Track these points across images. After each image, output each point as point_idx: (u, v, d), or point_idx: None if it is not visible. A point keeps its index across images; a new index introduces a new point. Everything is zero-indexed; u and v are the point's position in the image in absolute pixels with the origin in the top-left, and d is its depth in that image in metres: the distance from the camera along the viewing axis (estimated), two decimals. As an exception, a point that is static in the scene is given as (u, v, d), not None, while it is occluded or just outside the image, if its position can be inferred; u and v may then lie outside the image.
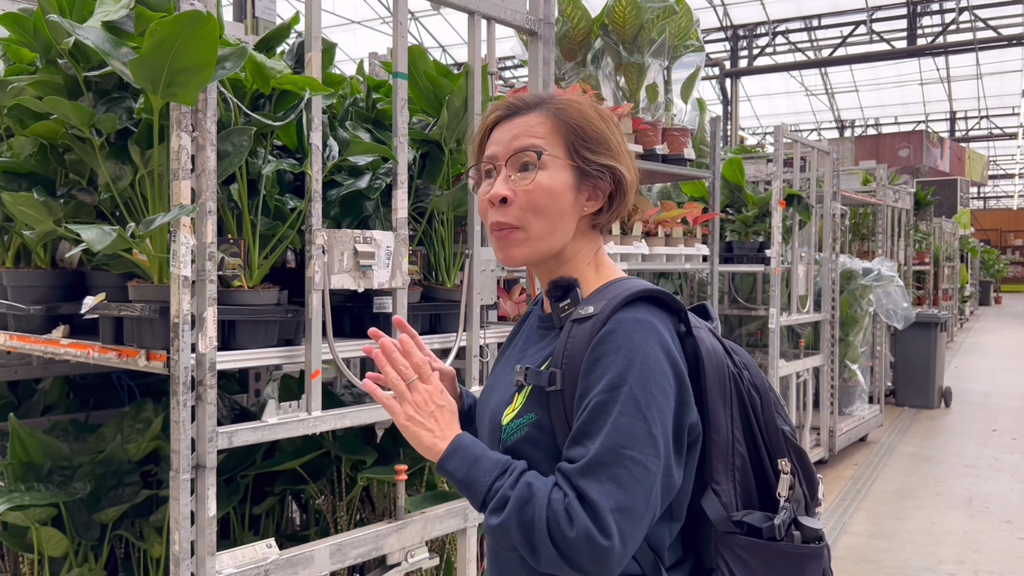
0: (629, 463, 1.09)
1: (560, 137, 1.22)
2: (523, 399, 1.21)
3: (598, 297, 1.21)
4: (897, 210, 9.07)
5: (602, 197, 1.25)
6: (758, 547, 1.17)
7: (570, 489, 1.10)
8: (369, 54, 3.64)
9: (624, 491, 1.08)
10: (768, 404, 1.24)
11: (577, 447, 1.12)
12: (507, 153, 1.23)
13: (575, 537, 1.07)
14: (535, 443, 1.18)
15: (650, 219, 3.64)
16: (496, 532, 1.12)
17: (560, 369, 1.17)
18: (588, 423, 1.12)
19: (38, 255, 2.30)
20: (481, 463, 1.15)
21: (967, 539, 4.86)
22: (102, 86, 2.04)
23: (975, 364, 12.58)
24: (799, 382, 6.04)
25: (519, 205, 1.21)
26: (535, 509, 1.09)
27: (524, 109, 1.25)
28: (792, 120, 28.12)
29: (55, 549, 2.30)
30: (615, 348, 1.13)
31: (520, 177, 1.22)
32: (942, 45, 18.49)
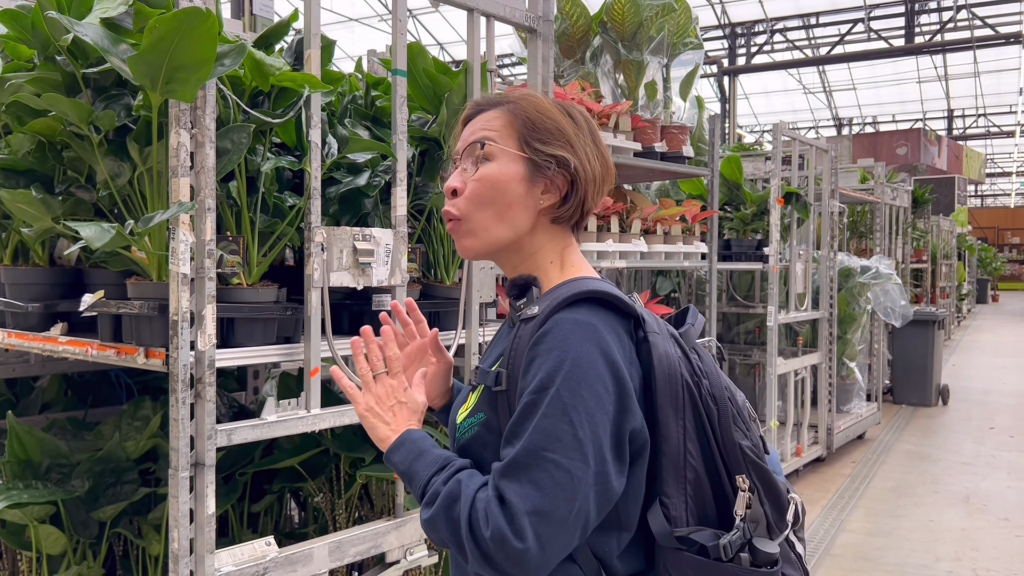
0: (550, 466, 1.05)
1: (512, 129, 1.23)
2: (475, 399, 1.20)
3: (550, 296, 1.17)
4: (895, 208, 9.08)
5: (558, 190, 1.23)
6: (704, 566, 1.10)
7: (492, 489, 1.08)
8: (368, 51, 3.63)
9: (543, 494, 1.05)
10: (725, 416, 1.16)
11: (506, 447, 1.10)
12: (463, 146, 1.26)
13: (489, 537, 1.05)
14: (483, 443, 1.17)
15: (648, 217, 3.64)
16: (426, 526, 1.13)
17: (506, 369, 1.15)
18: (516, 424, 1.10)
19: (36, 252, 2.29)
20: (423, 458, 1.16)
21: (964, 536, 4.87)
22: (101, 83, 2.03)
23: (973, 362, 12.60)
24: (797, 380, 6.04)
25: (465, 196, 1.22)
26: (460, 507, 1.08)
27: (487, 107, 1.27)
28: (790, 118, 28.13)
29: (53, 547, 2.30)
30: (548, 349, 1.10)
31: (472, 169, 1.23)
32: (940, 43, 18.50)
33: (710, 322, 4.01)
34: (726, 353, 7.10)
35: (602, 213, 3.37)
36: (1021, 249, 34.70)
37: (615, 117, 3.41)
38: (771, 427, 5.52)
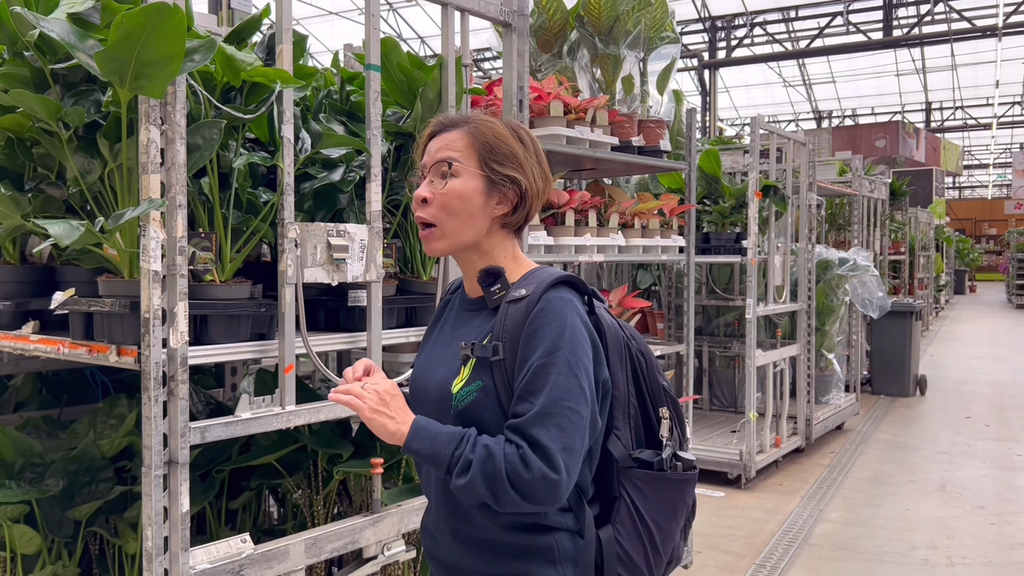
0: (568, 412, 1.35)
1: (474, 151, 1.47)
2: (469, 370, 1.43)
3: (526, 282, 1.47)
4: (873, 200, 9.15)
5: (510, 202, 1.49)
6: (650, 477, 1.48)
7: (522, 439, 1.34)
8: (344, 46, 3.61)
9: (566, 434, 1.34)
10: (652, 365, 1.54)
11: (523, 403, 1.36)
12: (431, 162, 1.49)
13: (532, 479, 1.31)
14: (483, 406, 1.41)
15: (627, 211, 3.65)
16: (464, 490, 1.34)
17: (501, 342, 1.41)
18: (531, 383, 1.36)
19: (7, 250, 2.27)
20: (440, 438, 1.37)
21: (941, 525, 4.93)
22: (69, 79, 2.01)
23: (950, 352, 12.74)
24: (776, 371, 6.08)
25: (436, 205, 1.46)
26: (495, 464, 1.32)
27: (450, 127, 1.50)
28: (770, 111, 28.27)
29: (28, 547, 2.28)
30: (548, 321, 1.39)
31: (439, 182, 1.47)
32: (917, 36, 18.64)
33: (688, 315, 4.03)
34: (707, 345, 7.14)
35: (580, 207, 3.38)
36: (998, 240, 35.05)
37: (592, 111, 3.42)
38: (750, 418, 5.56)
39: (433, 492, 1.53)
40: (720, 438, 6.23)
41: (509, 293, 1.45)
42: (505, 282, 1.48)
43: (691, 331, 4.01)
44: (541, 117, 3.24)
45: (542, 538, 1.42)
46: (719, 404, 7.29)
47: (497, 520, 1.43)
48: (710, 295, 6.79)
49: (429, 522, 1.58)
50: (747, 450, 5.59)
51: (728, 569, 4.26)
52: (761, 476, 5.92)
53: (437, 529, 1.54)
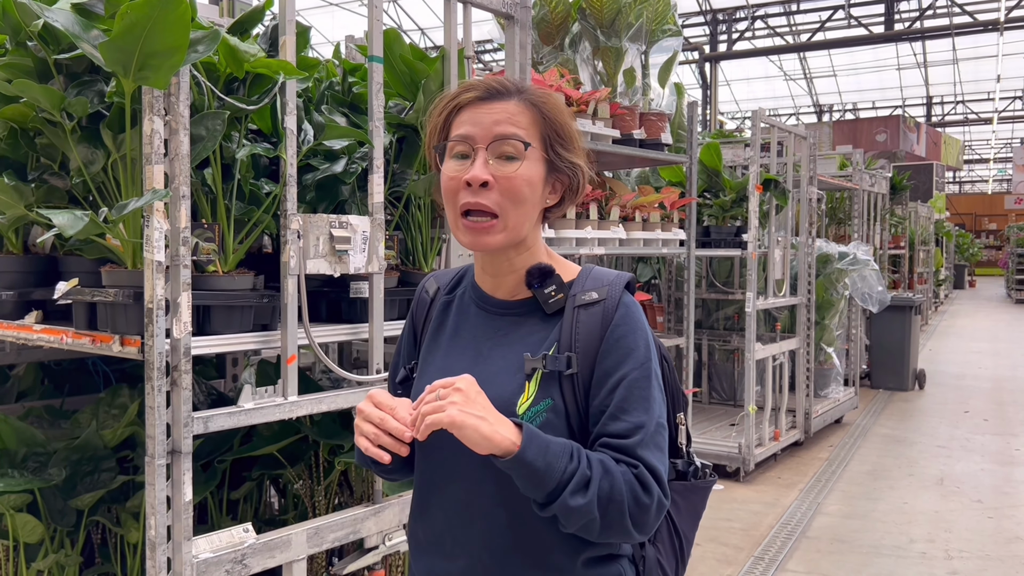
0: (662, 431, 1.24)
1: (539, 130, 1.25)
2: (535, 386, 1.23)
3: (591, 284, 1.28)
4: (873, 194, 9.15)
5: (560, 191, 1.30)
6: (684, 488, 1.39)
7: (633, 460, 1.18)
8: (346, 37, 3.61)
9: (664, 454, 1.23)
10: (673, 369, 1.42)
11: (619, 422, 1.20)
12: (488, 137, 1.22)
13: (650, 503, 1.17)
14: (552, 427, 1.21)
15: (628, 204, 3.66)
16: (577, 512, 1.13)
17: (575, 353, 1.23)
18: (626, 399, 1.21)
19: (10, 240, 2.27)
20: (553, 448, 1.14)
21: (938, 518, 4.95)
22: (73, 69, 2.01)
23: (949, 347, 12.75)
24: (775, 365, 6.10)
25: (500, 191, 1.21)
26: (613, 483, 1.15)
27: (504, 94, 1.25)
28: (771, 105, 28.23)
29: (30, 535, 2.29)
30: (631, 330, 1.24)
31: (501, 164, 1.22)
32: (919, 30, 18.61)
33: (688, 308, 4.03)
34: (707, 338, 7.15)
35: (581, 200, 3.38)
36: (998, 235, 35.06)
37: (594, 104, 3.42)
38: (749, 412, 5.57)
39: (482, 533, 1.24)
40: (719, 431, 6.25)
41: (575, 296, 1.26)
42: (560, 282, 1.28)
43: (691, 324, 4.02)
44: (543, 110, 3.24)
45: (612, 568, 1.27)
46: (718, 397, 7.31)
47: (581, 556, 1.24)
48: (710, 288, 6.80)
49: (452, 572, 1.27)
50: (746, 443, 5.61)
51: (726, 561, 4.28)
52: (760, 469, 5.93)
53: None
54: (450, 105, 1.28)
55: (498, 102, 1.24)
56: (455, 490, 1.27)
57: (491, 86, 1.26)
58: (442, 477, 1.30)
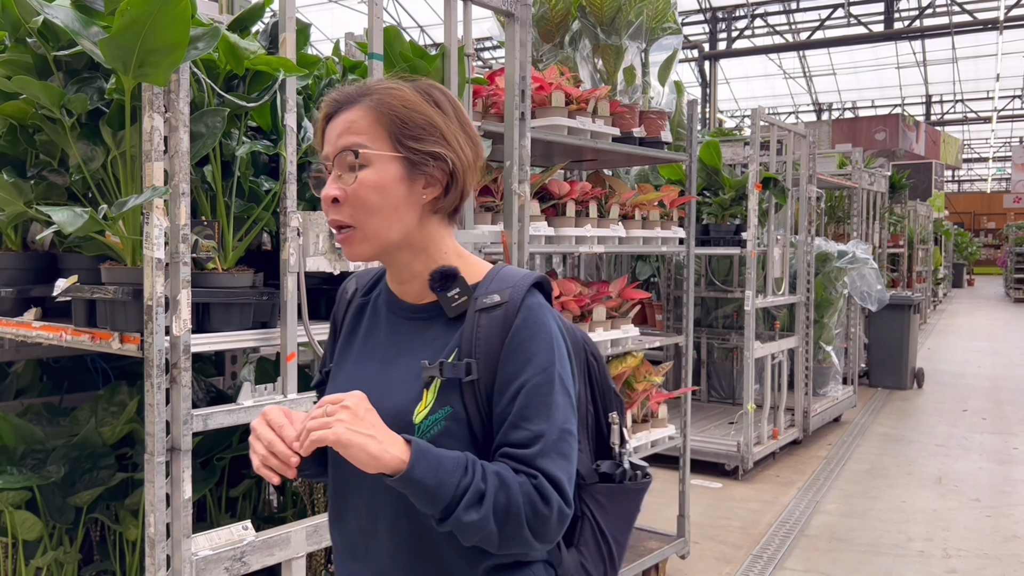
0: (568, 437, 1.19)
1: (382, 128, 1.20)
2: (434, 394, 1.19)
3: (495, 286, 1.23)
4: (872, 193, 9.15)
5: (439, 183, 1.24)
6: (612, 491, 1.34)
7: (533, 471, 1.14)
8: (345, 34, 3.60)
9: (569, 462, 1.18)
10: (603, 368, 1.39)
11: (519, 431, 1.16)
12: (333, 152, 1.21)
13: (549, 514, 1.14)
14: (452, 435, 1.18)
15: (627, 202, 3.65)
16: (472, 527, 1.10)
17: (475, 359, 1.19)
18: (526, 407, 1.16)
19: (9, 237, 2.27)
20: (445, 463, 1.10)
21: (936, 517, 4.95)
22: (72, 66, 2.01)
23: (947, 345, 12.76)
24: (774, 363, 6.10)
25: (350, 204, 1.19)
26: (510, 496, 1.12)
27: (347, 104, 1.22)
28: (771, 103, 28.23)
29: (29, 532, 2.29)
30: (534, 333, 1.19)
31: (347, 176, 1.19)
32: (918, 29, 18.61)
33: (688, 306, 4.03)
34: (705, 337, 7.15)
35: (580, 198, 3.38)
36: (997, 234, 35.08)
37: (594, 102, 3.41)
38: (748, 410, 5.58)
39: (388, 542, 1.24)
40: (717, 429, 6.25)
41: (477, 299, 1.22)
42: (464, 285, 1.24)
43: (690, 322, 4.02)
44: (542, 107, 3.24)
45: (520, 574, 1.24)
46: (717, 396, 7.32)
47: (483, 565, 1.22)
48: (709, 287, 6.80)
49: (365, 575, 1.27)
50: (744, 441, 5.61)
51: (725, 560, 4.29)
52: (758, 468, 5.94)
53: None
54: (319, 127, 1.27)
55: (343, 113, 1.22)
56: (362, 500, 1.26)
57: (335, 99, 1.24)
58: (351, 486, 1.28)
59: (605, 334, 3.40)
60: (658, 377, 3.73)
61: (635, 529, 4.10)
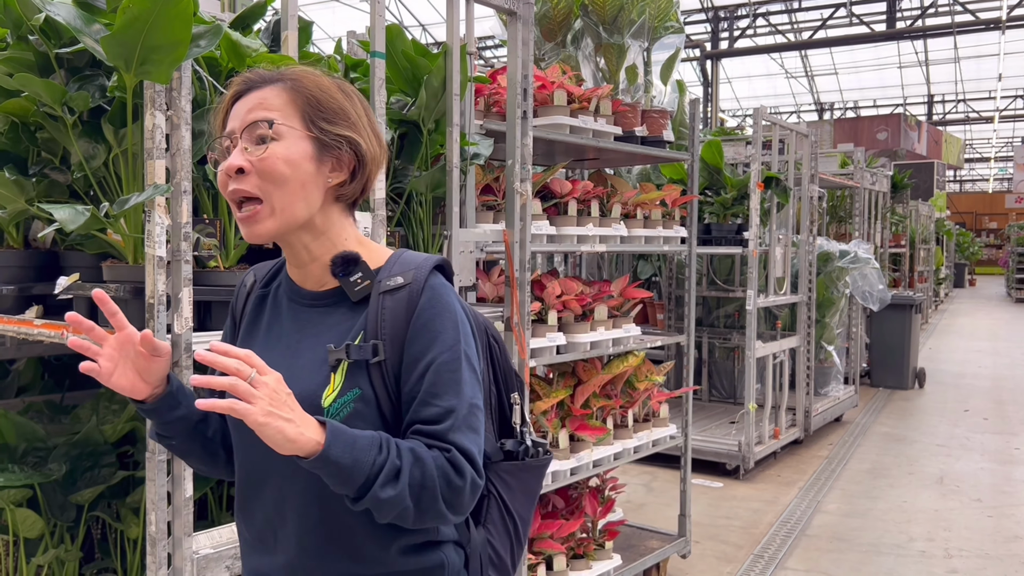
0: (476, 410, 1.22)
1: (296, 108, 1.22)
2: (341, 377, 1.21)
3: (397, 268, 1.25)
4: (874, 193, 9.14)
5: (346, 169, 1.26)
6: (515, 468, 1.39)
7: (445, 445, 1.18)
8: (347, 32, 3.60)
9: (478, 435, 1.22)
10: (504, 350, 1.44)
11: (429, 407, 1.19)
12: (242, 125, 1.21)
13: (463, 485, 1.17)
14: (362, 417, 1.19)
15: (629, 201, 3.65)
16: (389, 503, 1.12)
17: (381, 340, 1.21)
18: (435, 384, 1.20)
19: (10, 235, 2.27)
20: (360, 442, 1.11)
21: (938, 517, 4.95)
22: (74, 63, 2.01)
23: (949, 345, 12.75)
24: (776, 363, 6.10)
25: (257, 174, 1.19)
26: (424, 471, 1.14)
27: (261, 83, 1.24)
28: (772, 102, 28.21)
29: (30, 530, 2.29)
30: (439, 312, 1.22)
31: (256, 148, 1.20)
32: (920, 28, 18.59)
33: (689, 306, 4.03)
34: (707, 336, 7.15)
35: (582, 197, 3.37)
36: (998, 234, 35.04)
37: (596, 101, 3.41)
38: (749, 410, 5.57)
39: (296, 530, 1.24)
40: (719, 429, 6.25)
41: (380, 282, 1.24)
42: (367, 269, 1.25)
43: (692, 322, 4.02)
44: (545, 106, 3.23)
45: (433, 555, 1.27)
46: (718, 395, 7.31)
47: (392, 547, 1.23)
48: (710, 286, 6.80)
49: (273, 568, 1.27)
50: (746, 441, 5.61)
51: (726, 559, 4.28)
52: (759, 467, 5.94)
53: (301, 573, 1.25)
54: (223, 105, 1.27)
55: (256, 91, 1.23)
56: (270, 488, 1.26)
57: (248, 78, 1.25)
58: (258, 476, 1.28)
59: (607, 333, 3.39)
60: (660, 376, 3.73)
61: (637, 528, 4.11)
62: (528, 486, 1.42)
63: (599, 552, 3.46)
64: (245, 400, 1.05)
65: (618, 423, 3.62)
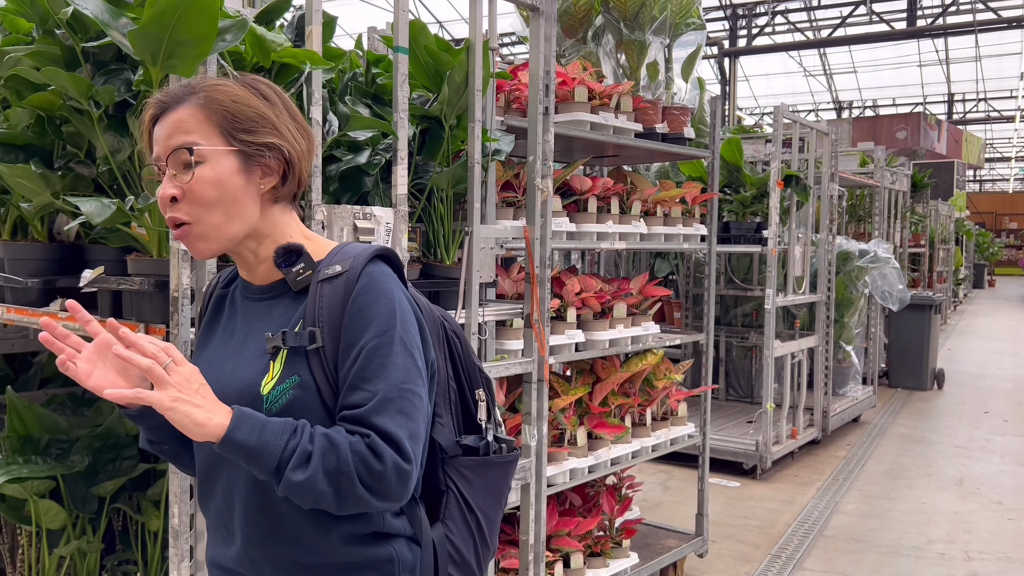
0: (410, 395, 1.21)
1: (213, 125, 1.22)
2: (280, 365, 1.22)
3: (338, 258, 1.27)
4: (894, 192, 9.07)
5: (275, 172, 1.27)
6: (477, 464, 1.38)
7: (366, 429, 1.17)
8: (368, 28, 3.60)
9: (411, 420, 1.20)
10: (467, 345, 1.44)
11: (357, 392, 1.19)
12: (165, 152, 1.22)
13: (384, 469, 1.15)
14: (302, 404, 1.21)
15: (649, 198, 3.63)
16: (302, 487, 1.14)
17: (318, 327, 1.22)
18: (364, 368, 1.19)
19: (35, 228, 2.28)
20: (270, 427, 1.14)
21: (958, 519, 4.90)
22: (100, 57, 2.02)
23: (968, 346, 12.64)
24: (794, 362, 6.06)
25: (188, 202, 1.21)
26: (339, 455, 1.14)
27: (173, 103, 1.24)
28: (790, 101, 28.02)
29: (53, 522, 2.31)
30: (374, 298, 1.22)
31: (182, 174, 1.21)
32: (942, 27, 18.41)
33: (709, 304, 4.01)
34: (724, 335, 7.12)
35: (602, 194, 3.36)
36: (1018, 234, 34.70)
37: (616, 98, 3.40)
38: (767, 409, 5.54)
39: (242, 520, 1.27)
40: (736, 428, 6.22)
41: (319, 271, 1.25)
42: (309, 259, 1.27)
43: (711, 320, 3.99)
44: (565, 102, 3.22)
45: (381, 549, 1.26)
46: (735, 394, 7.28)
47: (332, 535, 1.24)
48: (728, 285, 6.76)
49: (228, 558, 1.31)
50: (763, 441, 5.58)
51: (743, 559, 4.26)
52: (777, 467, 5.91)
53: (248, 563, 1.28)
54: (145, 129, 1.27)
55: (170, 113, 1.23)
56: (221, 479, 1.29)
57: (160, 100, 1.25)
58: (212, 467, 1.31)
59: (626, 331, 3.38)
60: (678, 375, 3.71)
61: (654, 527, 4.09)
62: (492, 483, 1.40)
63: (616, 550, 3.45)
64: (156, 384, 1.10)
65: (636, 421, 3.61)
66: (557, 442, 3.21)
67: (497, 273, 2.78)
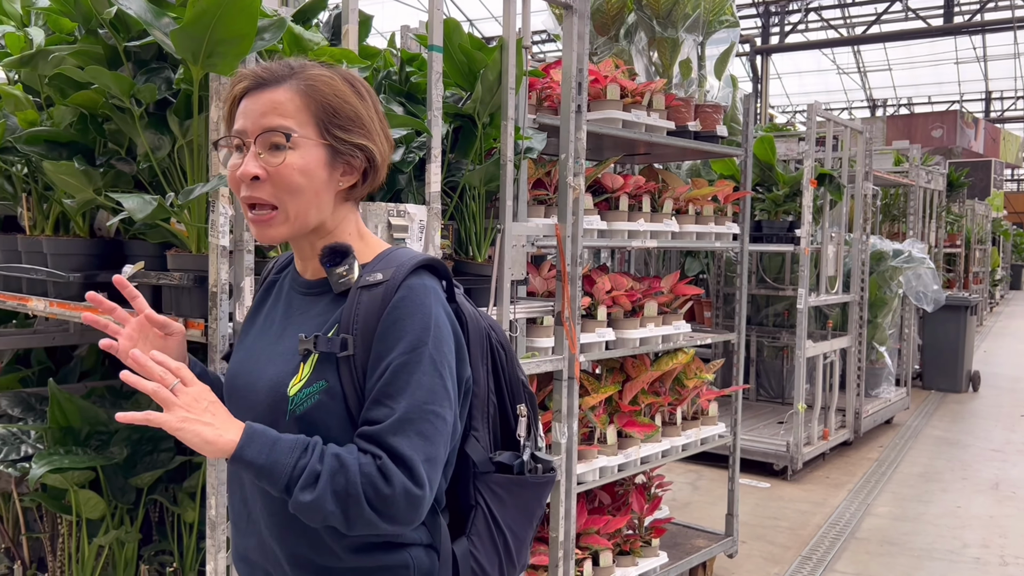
0: (432, 417, 1.17)
1: (310, 114, 1.21)
2: (310, 368, 1.21)
3: (382, 264, 1.25)
4: (929, 191, 8.94)
5: (357, 172, 1.27)
6: (509, 482, 1.34)
7: (379, 449, 1.15)
8: (401, 27, 3.63)
9: (429, 443, 1.17)
10: (512, 358, 1.40)
11: (379, 408, 1.17)
12: (256, 130, 1.20)
13: (392, 493, 1.13)
14: (327, 410, 1.20)
15: (680, 197, 3.62)
16: (309, 508, 1.13)
17: (352, 335, 1.20)
18: (390, 384, 1.17)
19: (77, 223, 2.33)
20: (280, 445, 1.14)
21: (993, 523, 4.83)
22: (141, 56, 2.05)
23: (1004, 348, 12.42)
24: (826, 363, 6.00)
25: (273, 183, 1.20)
26: (348, 477, 1.13)
27: (272, 82, 1.22)
28: (823, 98, 27.71)
29: (92, 511, 2.35)
30: (410, 312, 1.19)
31: (270, 155, 1.20)
32: (979, 23, 18.09)
33: (741, 304, 3.99)
34: (756, 335, 7.06)
35: (634, 192, 3.35)
36: (1057, 235, 33.99)
37: (649, 95, 3.39)
38: (799, 410, 5.50)
39: (261, 512, 1.28)
40: (766, 429, 6.18)
41: (361, 277, 1.24)
42: (354, 263, 1.25)
43: (743, 320, 3.97)
44: (597, 100, 3.22)
45: (396, 555, 1.25)
46: (766, 395, 7.22)
47: (344, 540, 1.23)
48: (760, 284, 6.71)
49: (249, 550, 1.32)
50: (794, 441, 5.53)
51: (773, 560, 4.24)
52: (807, 468, 5.85)
53: (266, 558, 1.29)
54: (230, 97, 1.26)
55: (267, 91, 1.21)
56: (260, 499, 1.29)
57: (259, 75, 1.23)
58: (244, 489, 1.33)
59: (656, 330, 3.37)
60: (709, 374, 3.69)
61: (683, 526, 4.08)
62: (524, 502, 1.36)
63: (645, 549, 3.45)
64: (164, 406, 1.10)
65: (666, 420, 3.60)
66: (587, 440, 3.22)
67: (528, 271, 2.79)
